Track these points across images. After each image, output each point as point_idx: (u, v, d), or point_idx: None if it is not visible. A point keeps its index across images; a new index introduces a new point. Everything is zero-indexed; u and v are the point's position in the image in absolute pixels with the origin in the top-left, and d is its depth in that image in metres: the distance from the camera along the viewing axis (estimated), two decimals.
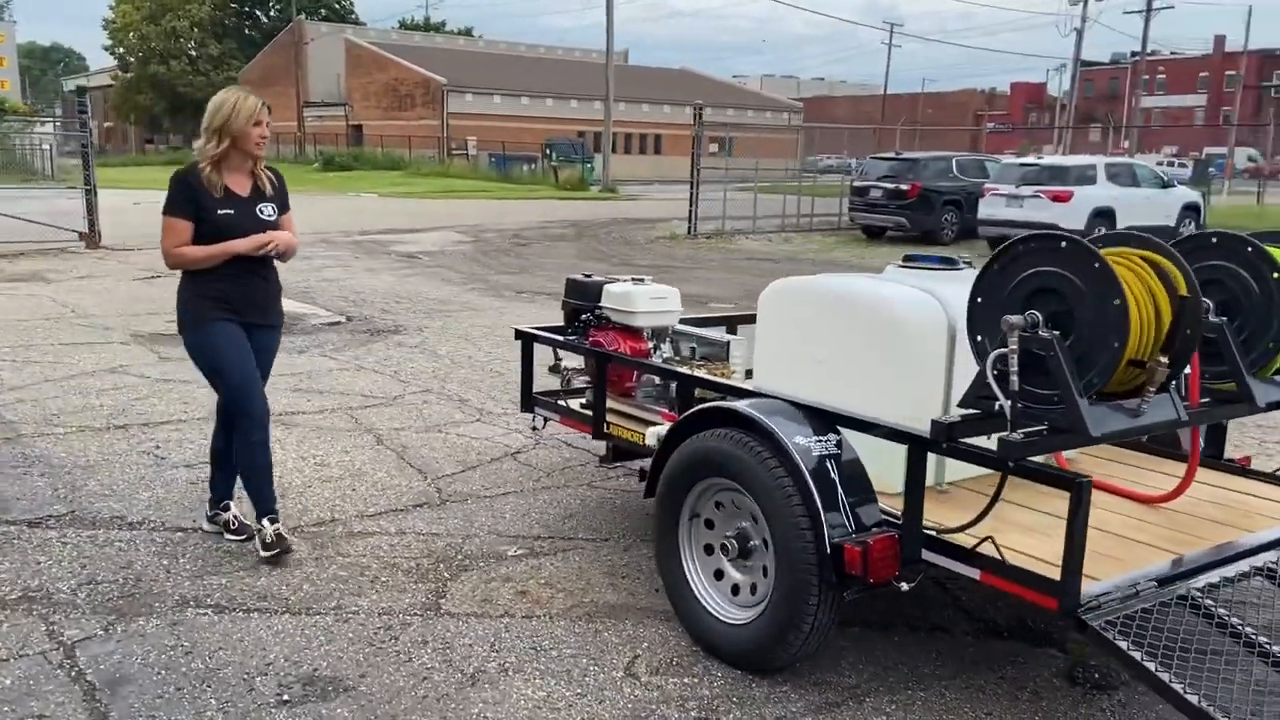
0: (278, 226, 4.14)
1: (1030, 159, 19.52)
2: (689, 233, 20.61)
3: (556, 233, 21.59)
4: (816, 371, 3.58)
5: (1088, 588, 2.74)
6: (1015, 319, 2.88)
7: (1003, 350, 2.89)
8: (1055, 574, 2.73)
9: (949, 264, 3.85)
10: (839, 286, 3.63)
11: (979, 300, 3.14)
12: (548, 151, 43.78)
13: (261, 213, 4.11)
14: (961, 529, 3.02)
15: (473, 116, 52.26)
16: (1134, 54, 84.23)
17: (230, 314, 4.07)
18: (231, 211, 4.02)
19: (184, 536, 4.39)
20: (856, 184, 20.41)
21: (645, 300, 4.32)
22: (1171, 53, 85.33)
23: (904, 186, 19.32)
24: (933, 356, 3.44)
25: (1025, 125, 71.11)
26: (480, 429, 6.26)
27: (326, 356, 8.52)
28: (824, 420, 3.27)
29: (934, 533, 3.04)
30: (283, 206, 4.21)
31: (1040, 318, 2.88)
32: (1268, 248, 3.30)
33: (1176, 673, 2.49)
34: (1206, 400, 3.27)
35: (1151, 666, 2.49)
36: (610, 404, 4.29)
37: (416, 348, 9.01)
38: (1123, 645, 2.54)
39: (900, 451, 3.18)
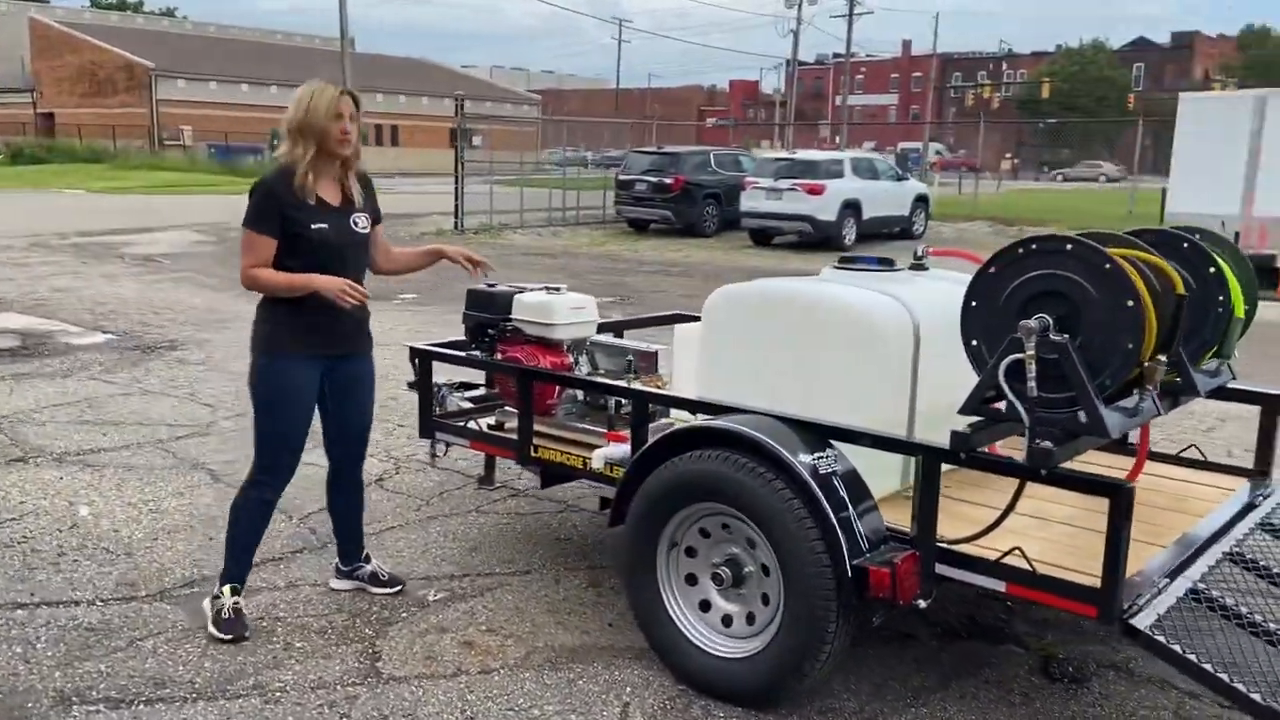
0: (370, 240, 3.58)
1: (784, 154, 20.40)
2: (456, 228, 19.99)
3: None
4: (781, 382, 3.43)
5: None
6: (1032, 323, 2.84)
7: (1019, 355, 2.84)
8: (1091, 581, 2.71)
9: (886, 264, 3.81)
10: (805, 293, 3.48)
11: (973, 304, 3.09)
12: (275, 143, 41.15)
13: (355, 224, 3.50)
14: (970, 539, 2.96)
15: (186, 104, 48.45)
16: (836, 55, 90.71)
17: (315, 350, 3.47)
18: (325, 225, 3.38)
19: (27, 615, 3.62)
20: (622, 178, 20.55)
21: (565, 310, 4.00)
22: (867, 55, 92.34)
23: (668, 180, 19.65)
24: (901, 360, 3.37)
25: (746, 121, 74.73)
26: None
27: (100, 380, 7.48)
28: (818, 435, 3.11)
29: (948, 546, 2.96)
30: (375, 216, 3.62)
31: (1051, 321, 2.87)
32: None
33: (1230, 670, 2.53)
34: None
35: (1209, 668, 2.51)
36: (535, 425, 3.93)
37: (204, 365, 8.10)
38: (1177, 649, 2.55)
39: (875, 459, 3.11)
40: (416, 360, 4.22)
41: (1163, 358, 2.94)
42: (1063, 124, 51.90)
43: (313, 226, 3.37)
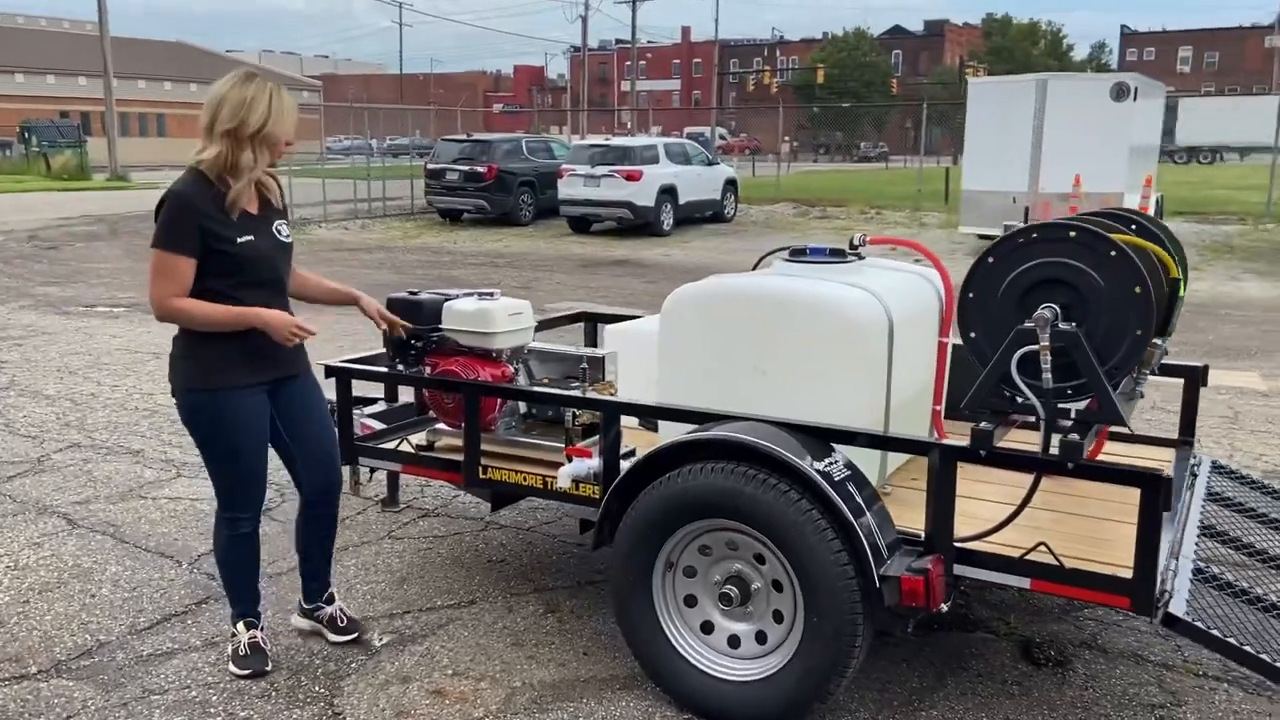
0: (291, 249, 3.14)
1: (599, 140, 20.27)
2: None
3: (84, 231, 18.57)
4: (753, 382, 3.28)
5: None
6: (1045, 313, 2.80)
7: (1033, 347, 2.80)
8: (1120, 571, 2.70)
9: (838, 255, 3.71)
10: (776, 289, 3.32)
11: (971, 295, 3.02)
12: (26, 135, 37.55)
13: (279, 232, 3.05)
14: (980, 537, 2.90)
15: None
16: (619, 41, 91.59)
17: (260, 377, 3.02)
18: (251, 237, 2.92)
19: None
20: (431, 167, 19.84)
21: (504, 318, 3.67)
22: (649, 41, 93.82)
23: (480, 169, 19.14)
24: (880, 354, 3.28)
25: (534, 106, 74.23)
26: (194, 486, 5.06)
27: None
28: (822, 439, 2.97)
29: (963, 545, 2.88)
30: (287, 216, 3.24)
31: (1059, 311, 2.83)
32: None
33: (1262, 648, 2.56)
34: None
35: (1251, 650, 2.54)
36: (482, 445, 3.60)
37: (9, 389, 7.14)
38: (1217, 634, 2.57)
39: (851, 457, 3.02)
40: (334, 379, 3.79)
41: (1159, 341, 2.98)
42: (855, 108, 54.55)
43: (239, 240, 2.94)
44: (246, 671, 3.20)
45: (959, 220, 16.61)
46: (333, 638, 3.43)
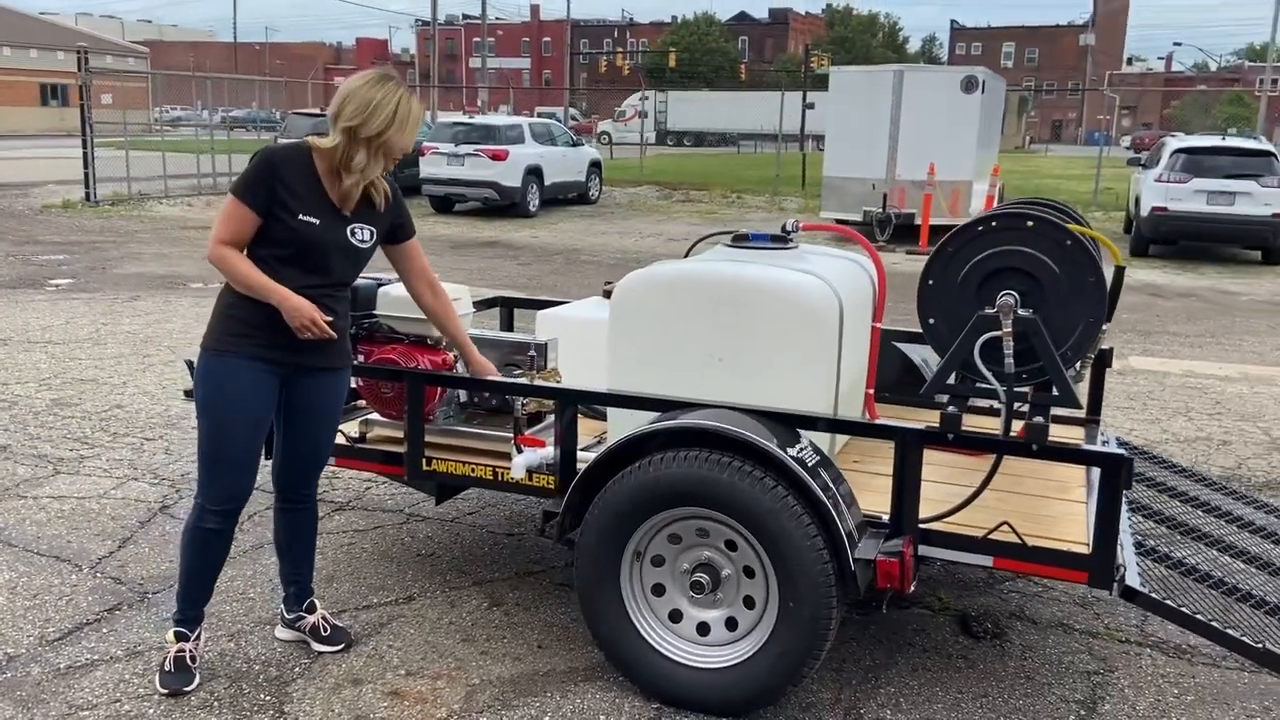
0: (367, 255, 2.96)
1: (462, 118, 19.83)
2: (88, 199, 17.52)
3: None
4: (711, 369, 3.27)
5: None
6: (1008, 299, 2.89)
7: (995, 333, 2.89)
8: (1079, 548, 2.82)
9: (780, 241, 3.73)
10: (731, 275, 3.30)
11: (930, 283, 3.10)
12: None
13: (353, 235, 2.88)
14: (942, 517, 2.98)
15: None
16: (466, 17, 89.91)
17: (272, 354, 2.84)
18: (316, 221, 2.77)
19: None
20: (284, 142, 18.94)
21: None
22: (498, 18, 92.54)
23: None
24: (832, 340, 3.32)
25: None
26: (77, 483, 4.70)
27: None
28: (788, 425, 2.98)
29: (928, 526, 2.95)
30: (397, 230, 3.08)
31: (1018, 298, 2.93)
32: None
33: (1219, 620, 2.73)
34: None
35: (1202, 618, 2.70)
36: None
37: None
38: (1172, 605, 2.71)
39: None
40: None
41: (1105, 326, 3.11)
42: (713, 93, 55.43)
43: (300, 216, 2.82)
44: (165, 690, 2.97)
45: (819, 205, 17.07)
46: (318, 648, 3.25)
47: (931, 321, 3.09)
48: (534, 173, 18.17)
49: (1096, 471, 3.44)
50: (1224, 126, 42.89)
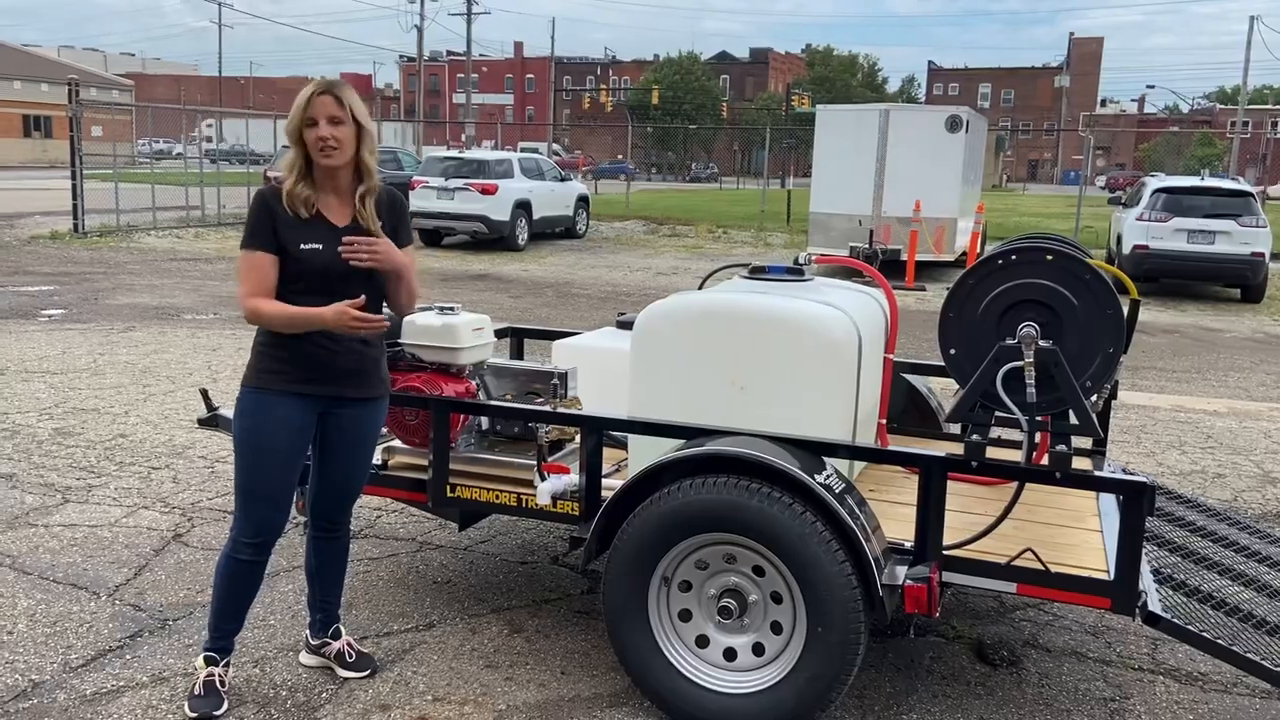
0: (370, 273, 2.91)
1: (453, 153, 19.96)
2: (76, 230, 17.47)
3: None
4: (733, 398, 3.32)
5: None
6: (1029, 331, 2.96)
7: (1017, 364, 2.96)
8: (1101, 574, 2.88)
9: (796, 274, 3.81)
10: (753, 307, 3.37)
11: (951, 315, 3.17)
12: None
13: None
14: (963, 545, 3.03)
15: None
16: (450, 53, 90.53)
17: (307, 387, 2.88)
18: (319, 246, 2.80)
19: None
20: (273, 174, 19.01)
21: (468, 333, 3.58)
22: (482, 54, 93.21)
23: None
24: (853, 371, 3.39)
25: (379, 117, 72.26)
26: (87, 512, 4.69)
27: None
28: (814, 453, 3.04)
29: (952, 553, 3.01)
30: (395, 232, 3.03)
31: (1038, 330, 3.01)
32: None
33: (1240, 643, 2.79)
34: None
35: (1223, 643, 2.76)
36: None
37: None
38: (1194, 629, 2.77)
39: None
40: None
41: (1122, 358, 3.19)
42: (701, 130, 55.90)
43: (302, 246, 2.85)
44: (194, 714, 2.99)
45: (806, 241, 17.24)
46: (343, 674, 3.27)
47: (953, 352, 3.16)
48: (523, 207, 18.28)
49: (1110, 500, 3.59)
50: (1197, 167, 43.68)
